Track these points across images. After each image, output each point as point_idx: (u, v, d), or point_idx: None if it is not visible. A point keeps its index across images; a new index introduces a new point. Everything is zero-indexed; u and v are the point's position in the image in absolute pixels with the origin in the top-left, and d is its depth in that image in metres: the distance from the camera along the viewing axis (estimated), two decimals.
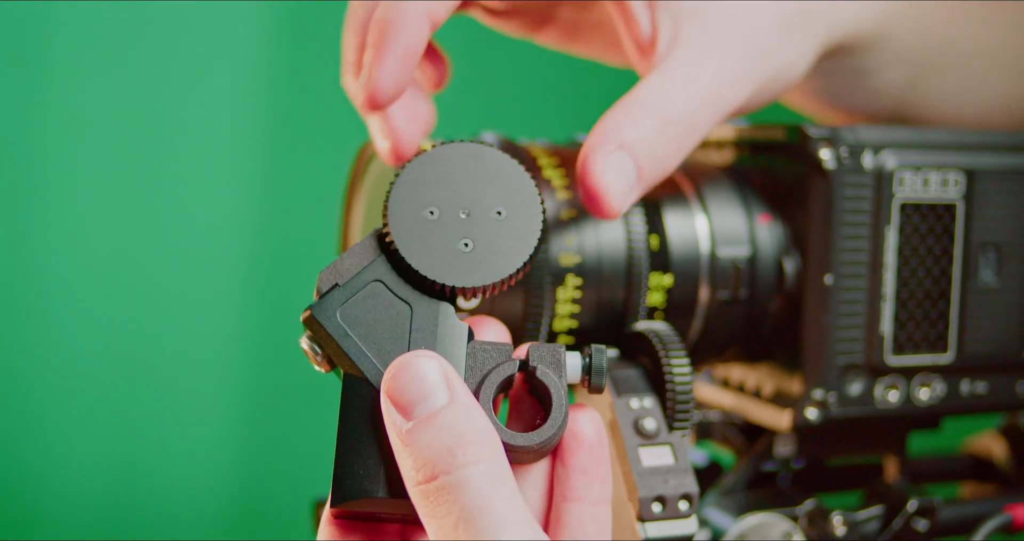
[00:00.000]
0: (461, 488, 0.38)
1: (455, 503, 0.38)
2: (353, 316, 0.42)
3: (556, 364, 0.42)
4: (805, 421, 0.56)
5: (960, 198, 0.57)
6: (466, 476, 0.38)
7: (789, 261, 0.57)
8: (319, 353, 0.42)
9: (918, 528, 0.58)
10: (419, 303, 0.42)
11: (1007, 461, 0.69)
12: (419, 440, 0.38)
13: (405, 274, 0.42)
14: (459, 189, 0.43)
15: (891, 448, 0.62)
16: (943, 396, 0.58)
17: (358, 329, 0.42)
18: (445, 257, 0.42)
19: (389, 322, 0.42)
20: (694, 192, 0.57)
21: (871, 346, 0.56)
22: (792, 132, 0.56)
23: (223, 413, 1.20)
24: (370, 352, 0.41)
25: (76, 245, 1.14)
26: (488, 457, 0.38)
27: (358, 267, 0.43)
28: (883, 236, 0.56)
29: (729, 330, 0.57)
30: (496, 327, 0.47)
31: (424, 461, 0.38)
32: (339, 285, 0.42)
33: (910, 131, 0.57)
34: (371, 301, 0.42)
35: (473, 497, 0.38)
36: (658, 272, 0.55)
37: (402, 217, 0.42)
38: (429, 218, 0.43)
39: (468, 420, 0.39)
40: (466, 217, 0.43)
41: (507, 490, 0.38)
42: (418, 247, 0.42)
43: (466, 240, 0.43)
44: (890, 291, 0.56)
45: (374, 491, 0.40)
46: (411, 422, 0.39)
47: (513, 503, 0.38)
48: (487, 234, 0.43)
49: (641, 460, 0.50)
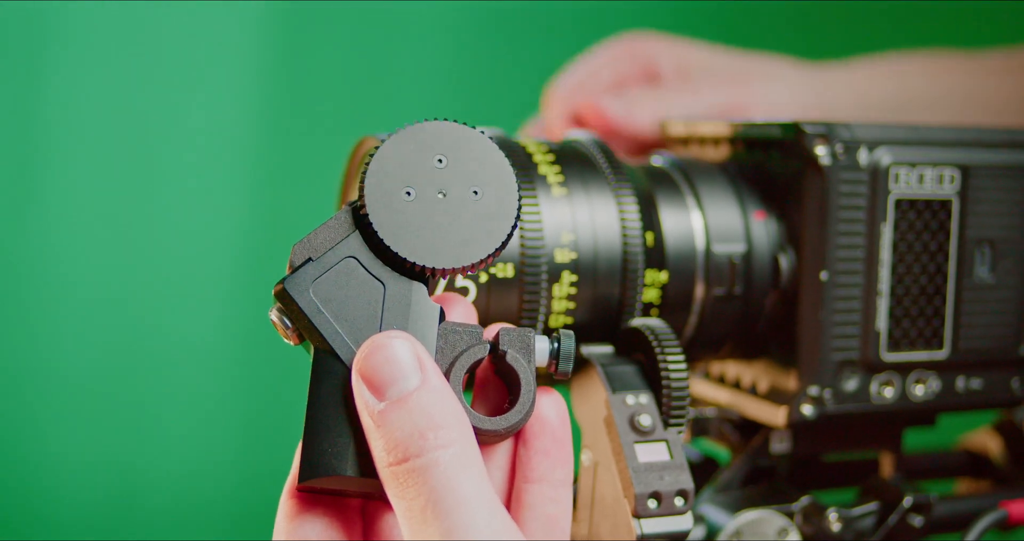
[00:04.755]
0: (431, 471, 0.38)
1: (424, 485, 0.38)
2: (325, 292, 0.41)
3: (526, 348, 0.43)
4: (801, 417, 0.56)
5: (955, 194, 0.57)
6: (436, 459, 0.38)
7: (784, 257, 0.57)
8: (289, 327, 0.42)
9: (913, 524, 0.58)
10: (392, 282, 0.42)
11: (1002, 457, 0.69)
12: (391, 422, 0.39)
13: (379, 252, 0.42)
14: (436, 168, 0.43)
15: (887, 444, 0.62)
16: (938, 392, 0.58)
17: (330, 305, 0.41)
18: (420, 237, 0.42)
19: (361, 300, 0.42)
20: (689, 188, 0.57)
21: (867, 342, 0.56)
22: (788, 128, 0.56)
23: (220, 411, 1.20)
24: (342, 329, 0.41)
25: (72, 243, 1.13)
26: (458, 440, 0.39)
27: (332, 242, 0.42)
28: (878, 232, 0.56)
29: (725, 326, 0.57)
30: (464, 306, 0.46)
31: (395, 443, 0.39)
32: (312, 260, 0.42)
33: (905, 128, 0.57)
34: (344, 278, 0.42)
35: (442, 480, 0.38)
36: (653, 269, 0.55)
37: (379, 195, 0.42)
38: (405, 197, 0.42)
39: (440, 403, 0.39)
40: (443, 198, 0.43)
41: (476, 473, 0.39)
42: (394, 226, 0.42)
43: (442, 220, 0.42)
44: (885, 287, 0.56)
45: (343, 468, 0.40)
46: (383, 403, 0.39)
47: (481, 487, 0.39)
48: (463, 215, 0.43)
49: (637, 456, 0.50)
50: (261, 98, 1.17)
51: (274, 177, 1.19)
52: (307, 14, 1.17)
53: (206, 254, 1.18)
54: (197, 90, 1.15)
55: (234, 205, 1.19)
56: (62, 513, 1.15)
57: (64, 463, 1.15)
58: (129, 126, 1.14)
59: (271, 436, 1.21)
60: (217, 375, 1.20)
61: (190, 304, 1.18)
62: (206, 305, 1.18)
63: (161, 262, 1.16)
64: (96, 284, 1.14)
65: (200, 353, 1.19)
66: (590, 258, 0.53)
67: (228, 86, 1.17)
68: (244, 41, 1.17)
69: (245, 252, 1.20)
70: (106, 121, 1.13)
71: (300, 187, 1.18)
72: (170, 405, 1.18)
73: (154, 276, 1.16)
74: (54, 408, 1.14)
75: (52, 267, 1.13)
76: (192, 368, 1.19)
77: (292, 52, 1.18)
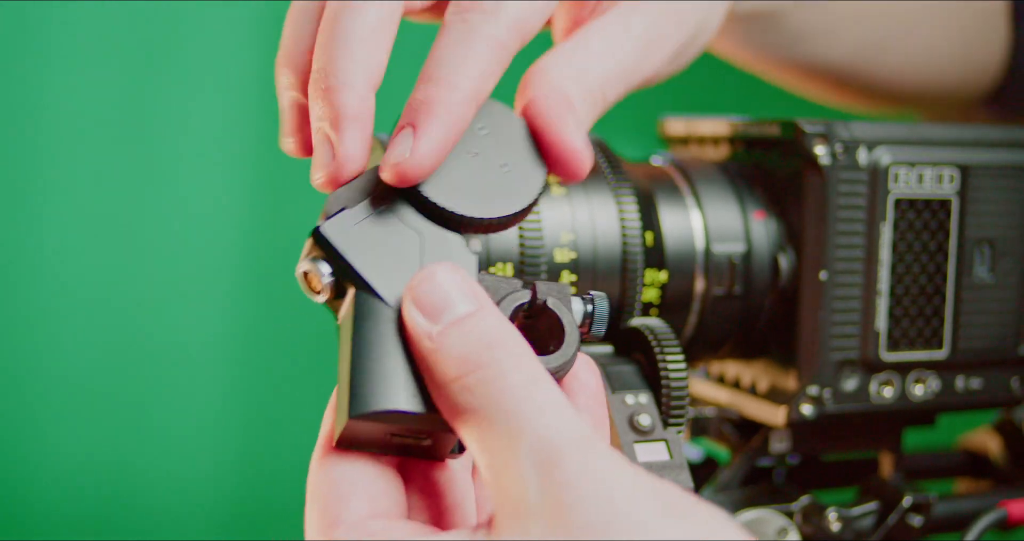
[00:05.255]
0: (504, 378, 0.36)
1: (500, 393, 0.35)
2: (363, 238, 0.40)
3: (565, 299, 0.42)
4: (800, 417, 0.56)
5: (955, 194, 0.57)
6: (507, 367, 0.36)
7: (784, 257, 0.57)
8: (324, 275, 0.40)
9: (913, 524, 0.58)
10: (428, 232, 0.41)
11: (1002, 457, 0.69)
12: (451, 340, 0.37)
13: (416, 203, 0.41)
14: (473, 132, 0.43)
15: (886, 444, 0.62)
16: (938, 392, 0.58)
17: (369, 250, 0.40)
18: (456, 189, 0.42)
19: (400, 247, 0.41)
20: (689, 188, 0.57)
21: (866, 342, 0.56)
22: (787, 128, 0.56)
23: (218, 410, 1.20)
24: (384, 271, 0.40)
25: (71, 242, 1.13)
26: (527, 354, 0.37)
27: (366, 194, 0.41)
28: (878, 232, 0.56)
29: (724, 326, 0.57)
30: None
31: (459, 358, 0.36)
32: (347, 208, 0.41)
33: (905, 127, 0.57)
34: (381, 226, 0.41)
35: (518, 387, 0.36)
36: (653, 268, 0.55)
37: None
38: None
39: (500, 324, 0.37)
40: (475, 157, 0.42)
41: (551, 383, 0.36)
42: (431, 177, 0.41)
43: (474, 177, 0.42)
44: (885, 287, 0.56)
45: (397, 402, 0.38)
46: (440, 325, 0.37)
47: (559, 395, 0.36)
48: (495, 172, 0.42)
49: (636, 456, 0.50)
50: (260, 97, 1.17)
51: (273, 176, 1.19)
52: None
53: (204, 253, 1.18)
54: (195, 90, 1.15)
55: (233, 204, 1.19)
56: (60, 512, 1.15)
57: (62, 462, 1.15)
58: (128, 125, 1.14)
59: (271, 436, 1.22)
60: (216, 374, 1.20)
61: (188, 302, 1.18)
62: (205, 303, 1.18)
63: (159, 261, 1.16)
64: (94, 282, 1.14)
65: (200, 352, 1.19)
66: (589, 258, 0.53)
67: (227, 85, 1.17)
68: (243, 40, 1.17)
69: (244, 251, 1.20)
70: (106, 120, 1.13)
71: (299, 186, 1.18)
72: (168, 405, 1.18)
73: (152, 275, 1.16)
74: (52, 407, 1.14)
75: (49, 265, 1.13)
76: (191, 367, 1.19)
77: None
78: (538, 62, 0.47)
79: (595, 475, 0.34)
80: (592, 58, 0.48)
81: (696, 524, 0.34)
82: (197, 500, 1.20)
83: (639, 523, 0.33)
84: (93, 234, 1.14)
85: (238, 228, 1.19)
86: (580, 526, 0.33)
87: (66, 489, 1.16)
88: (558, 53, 0.48)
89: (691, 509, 0.34)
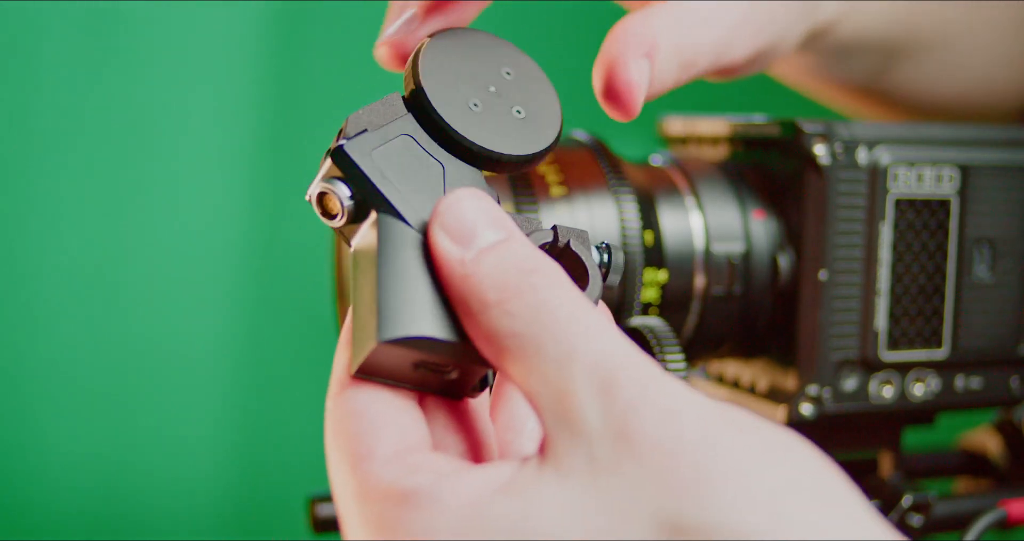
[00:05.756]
0: (545, 303, 0.34)
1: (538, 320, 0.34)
2: (385, 161, 0.39)
3: (585, 243, 0.40)
4: (800, 417, 0.56)
5: (955, 194, 0.57)
6: (547, 293, 0.34)
7: (784, 257, 0.57)
8: (344, 197, 0.38)
9: (912, 523, 0.58)
10: (451, 164, 0.40)
11: (1002, 456, 0.69)
12: (486, 267, 0.35)
13: (436, 133, 0.40)
14: (485, 67, 0.42)
15: (886, 444, 0.62)
16: (938, 391, 0.58)
17: (392, 173, 0.38)
18: (477, 123, 0.41)
19: (422, 175, 0.39)
20: (688, 188, 0.57)
21: (866, 342, 0.56)
22: (786, 128, 0.56)
23: (216, 409, 1.20)
24: (407, 195, 0.38)
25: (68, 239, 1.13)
26: (565, 279, 0.35)
27: (386, 120, 0.40)
28: (877, 232, 0.56)
29: (724, 326, 0.57)
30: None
31: (495, 284, 0.34)
32: (368, 131, 0.39)
33: (904, 127, 0.57)
34: (403, 152, 0.39)
35: (560, 310, 0.34)
36: (652, 268, 0.55)
37: (434, 78, 0.41)
38: (460, 85, 0.41)
39: (534, 251, 0.36)
40: (494, 91, 0.42)
41: (590, 306, 0.35)
42: (452, 110, 0.40)
43: (496, 111, 0.41)
44: (884, 287, 0.56)
45: (431, 329, 0.35)
46: (472, 251, 0.35)
47: (599, 316, 0.34)
48: (515, 109, 0.42)
49: None
50: (259, 97, 1.17)
51: (271, 174, 1.19)
52: (306, 13, 1.17)
53: (203, 250, 1.18)
54: (195, 88, 1.15)
55: (231, 202, 1.19)
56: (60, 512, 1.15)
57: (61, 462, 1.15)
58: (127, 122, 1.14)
59: (268, 435, 1.22)
60: (214, 373, 1.20)
61: (187, 299, 1.18)
62: (203, 301, 1.18)
63: (158, 258, 1.16)
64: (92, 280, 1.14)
65: (198, 350, 1.19)
66: None
67: (227, 83, 1.17)
68: (243, 38, 1.17)
69: (242, 249, 1.20)
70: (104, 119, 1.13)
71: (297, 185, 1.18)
72: (165, 404, 1.18)
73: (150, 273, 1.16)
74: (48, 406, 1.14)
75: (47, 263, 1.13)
76: (189, 366, 1.19)
77: (290, 51, 1.18)
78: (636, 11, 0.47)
79: (656, 395, 0.32)
80: (694, 19, 0.47)
81: (765, 437, 0.32)
82: (197, 500, 1.20)
83: (708, 438, 0.32)
84: (92, 233, 1.14)
85: (238, 227, 1.19)
86: (650, 445, 0.31)
87: (65, 489, 1.16)
88: (659, 6, 0.47)
89: (757, 423, 0.33)
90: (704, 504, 0.31)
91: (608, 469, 0.32)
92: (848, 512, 0.32)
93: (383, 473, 0.34)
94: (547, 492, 0.32)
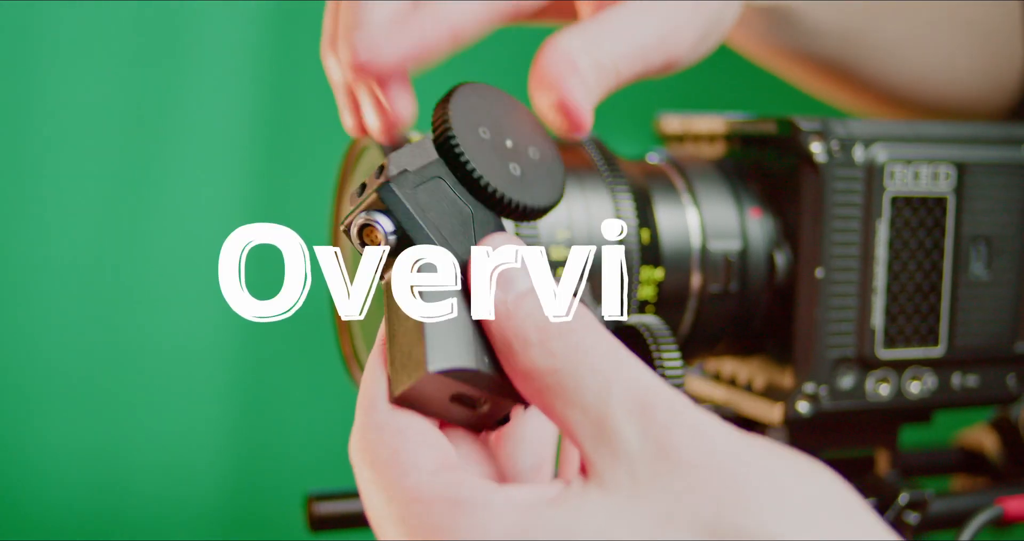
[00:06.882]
0: (583, 342, 0.37)
1: (578, 356, 0.36)
2: (424, 200, 0.41)
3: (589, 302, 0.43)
4: (796, 414, 0.56)
5: (951, 191, 0.57)
6: (583, 333, 0.37)
7: (780, 255, 0.57)
8: (387, 231, 0.40)
9: (909, 521, 0.58)
10: (479, 210, 0.42)
11: (998, 454, 0.69)
12: (526, 310, 0.38)
13: (466, 181, 0.42)
14: (501, 121, 0.44)
15: (882, 441, 0.62)
16: (934, 389, 0.58)
17: (430, 213, 0.41)
18: (501, 175, 0.42)
19: (455, 217, 0.41)
20: (685, 186, 0.57)
21: (862, 339, 0.56)
22: (783, 125, 0.56)
23: (214, 408, 1.20)
24: (445, 234, 0.41)
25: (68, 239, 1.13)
26: (594, 320, 0.38)
27: (422, 162, 0.42)
28: (874, 229, 0.56)
29: (720, 324, 0.57)
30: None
31: (536, 325, 0.37)
32: (408, 171, 0.41)
33: (901, 125, 0.57)
34: (437, 194, 0.41)
35: (596, 346, 0.37)
36: (649, 265, 0.55)
37: (463, 128, 0.42)
38: (484, 137, 0.43)
39: (567, 297, 0.38)
40: (511, 145, 0.43)
41: (616, 341, 0.37)
42: (477, 156, 0.42)
43: (515, 165, 0.43)
44: (881, 284, 0.56)
45: (475, 362, 0.38)
46: (512, 294, 0.38)
47: (627, 350, 0.37)
48: (529, 164, 0.43)
49: None
50: (256, 97, 1.17)
51: (269, 174, 1.19)
52: (306, 13, 1.17)
53: (201, 250, 1.18)
54: (192, 87, 1.15)
55: (229, 202, 1.19)
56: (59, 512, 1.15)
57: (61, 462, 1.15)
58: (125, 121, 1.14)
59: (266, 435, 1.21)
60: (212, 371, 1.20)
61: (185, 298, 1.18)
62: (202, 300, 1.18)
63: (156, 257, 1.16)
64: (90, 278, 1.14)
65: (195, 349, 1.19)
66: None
67: (224, 83, 1.17)
68: (240, 37, 1.17)
69: None
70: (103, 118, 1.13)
71: (295, 185, 1.18)
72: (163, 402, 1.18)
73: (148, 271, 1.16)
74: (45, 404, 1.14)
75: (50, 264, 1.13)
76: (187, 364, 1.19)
77: (287, 52, 1.18)
78: (551, 35, 0.48)
79: (690, 419, 0.35)
80: (606, 33, 0.49)
81: (788, 457, 0.35)
82: (195, 499, 1.20)
83: (739, 454, 0.34)
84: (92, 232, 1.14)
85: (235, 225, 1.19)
86: (687, 459, 0.34)
87: (64, 487, 1.16)
88: (571, 27, 0.48)
89: (779, 447, 0.36)
90: (740, 509, 0.33)
91: (649, 482, 0.34)
92: (869, 529, 0.35)
93: (433, 482, 0.36)
94: (593, 504, 0.35)
